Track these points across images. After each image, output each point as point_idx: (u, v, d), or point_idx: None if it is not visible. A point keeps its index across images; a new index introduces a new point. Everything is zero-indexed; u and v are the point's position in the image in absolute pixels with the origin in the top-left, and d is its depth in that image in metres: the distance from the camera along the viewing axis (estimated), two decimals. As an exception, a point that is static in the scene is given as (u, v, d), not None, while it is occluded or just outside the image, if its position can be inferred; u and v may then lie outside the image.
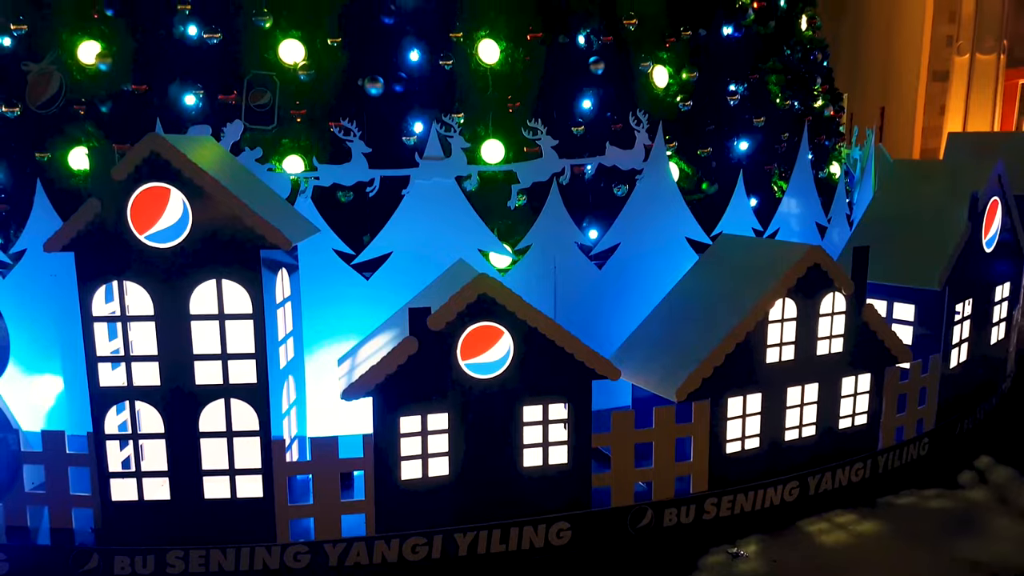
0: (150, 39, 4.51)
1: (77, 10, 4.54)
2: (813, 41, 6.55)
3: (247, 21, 4.52)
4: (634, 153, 5.02)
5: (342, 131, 4.52)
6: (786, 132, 5.90)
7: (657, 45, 5.24)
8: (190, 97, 4.47)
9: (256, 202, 3.26)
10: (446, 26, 4.80)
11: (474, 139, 4.74)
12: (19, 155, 4.54)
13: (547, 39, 4.97)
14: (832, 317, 3.92)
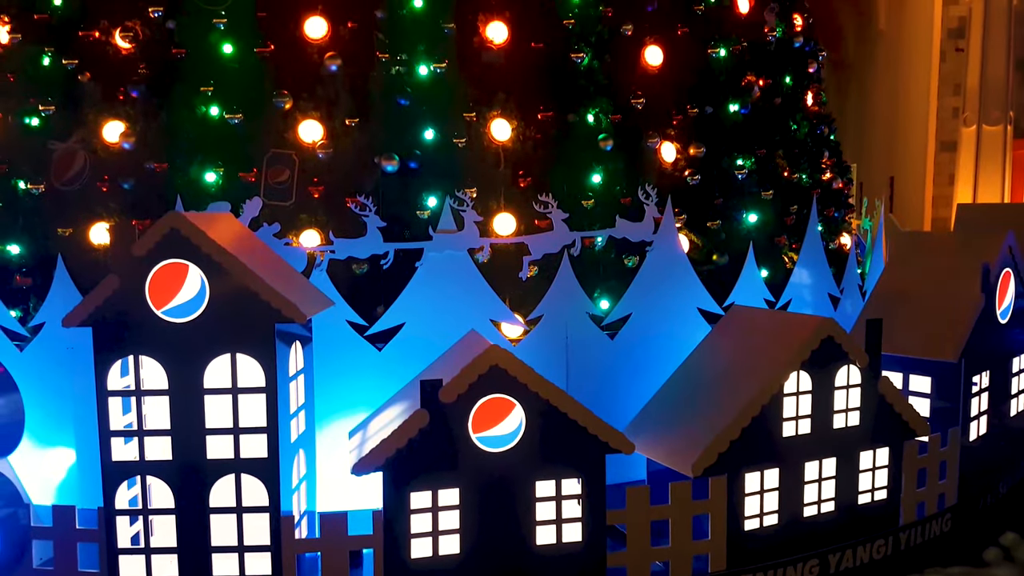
0: (173, 119, 4.67)
1: (104, 91, 4.72)
2: (819, 116, 6.68)
3: (268, 102, 4.68)
4: (644, 226, 5.08)
5: (358, 206, 4.61)
6: (795, 205, 5.96)
7: (664, 122, 5.36)
8: (211, 175, 4.60)
9: (272, 276, 3.31)
10: (459, 106, 4.94)
11: (486, 213, 4.82)
12: (42, 230, 4.66)
13: (557, 118, 5.10)
14: (847, 390, 3.88)
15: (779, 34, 6.10)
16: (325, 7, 4.77)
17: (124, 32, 4.69)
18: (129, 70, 4.70)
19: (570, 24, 5.14)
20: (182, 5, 4.72)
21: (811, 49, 6.64)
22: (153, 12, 4.70)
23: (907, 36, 18.48)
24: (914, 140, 17.96)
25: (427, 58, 4.88)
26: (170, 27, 4.73)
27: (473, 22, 4.99)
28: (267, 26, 4.74)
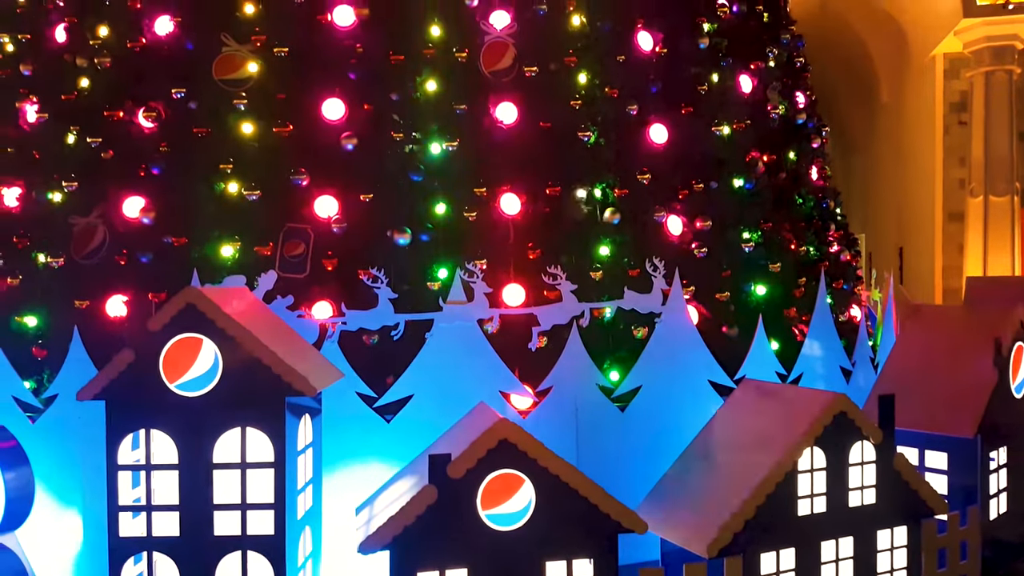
0: (192, 195, 4.79)
1: (126, 168, 4.86)
2: (824, 190, 6.78)
3: (285, 179, 4.80)
4: (652, 297, 5.11)
5: (370, 278, 4.68)
6: (803, 277, 5.99)
7: (670, 197, 5.45)
8: (227, 249, 4.69)
9: (284, 349, 3.35)
10: (470, 182, 5.06)
11: (496, 284, 4.87)
12: (59, 303, 4.73)
13: (565, 192, 5.20)
14: (863, 467, 3.82)
15: (782, 111, 6.25)
16: (343, 89, 4.94)
17: (147, 112, 4.87)
18: (151, 148, 4.86)
19: (577, 105, 5.28)
20: (204, 86, 4.90)
21: (814, 125, 6.79)
22: (176, 93, 4.88)
23: (909, 109, 18.84)
24: (921, 211, 18.10)
25: (439, 137, 5.02)
26: (192, 107, 4.90)
27: (484, 103, 5.14)
28: (286, 107, 4.91)
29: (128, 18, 5.06)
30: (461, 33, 5.18)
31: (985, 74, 16.11)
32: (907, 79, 18.96)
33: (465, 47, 5.16)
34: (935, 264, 17.34)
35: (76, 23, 5.25)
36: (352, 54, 5.01)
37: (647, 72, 5.55)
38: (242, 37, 4.94)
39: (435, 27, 5.14)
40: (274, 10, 5.02)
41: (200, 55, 4.95)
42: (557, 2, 5.36)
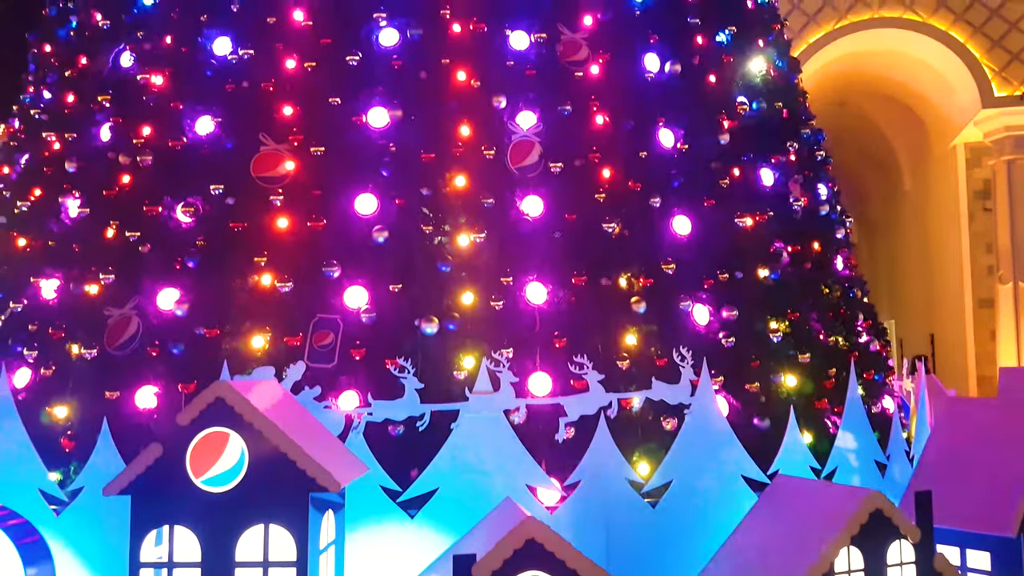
0: (225, 287, 4.90)
1: (162, 261, 5.00)
2: (851, 279, 6.76)
3: (317, 271, 4.90)
4: (680, 388, 5.05)
5: (397, 368, 4.69)
6: (833, 367, 5.92)
7: (696, 286, 5.47)
8: (258, 339, 4.76)
9: (310, 442, 3.34)
10: (497, 271, 5.12)
11: (522, 373, 4.86)
12: (90, 394, 4.79)
13: (590, 281, 5.24)
14: (901, 567, 3.67)
15: (805, 203, 6.31)
16: (375, 185, 5.10)
17: (186, 207, 5.04)
18: (187, 241, 5.01)
19: (601, 198, 5.39)
20: (242, 183, 5.08)
21: (837, 216, 6.84)
22: (214, 189, 5.06)
23: (933, 197, 18.90)
24: (951, 297, 17.90)
25: (468, 229, 5.13)
26: (229, 203, 5.07)
27: (511, 197, 5.26)
28: (321, 202, 5.06)
29: (171, 118, 5.30)
30: (489, 132, 5.36)
31: (1007, 162, 16.20)
32: (929, 168, 19.10)
33: (493, 145, 5.33)
34: (967, 351, 17.02)
35: (120, 123, 5.50)
36: (385, 152, 5.19)
37: (669, 167, 5.67)
38: (280, 137, 5.15)
39: (465, 127, 5.32)
40: (311, 111, 5.25)
41: (239, 153, 5.15)
42: (581, 103, 5.54)
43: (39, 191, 5.65)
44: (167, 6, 5.62)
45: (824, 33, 16.23)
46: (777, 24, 7.09)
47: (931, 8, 16.09)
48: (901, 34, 16.32)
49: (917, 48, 16.48)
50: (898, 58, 17.02)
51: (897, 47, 16.68)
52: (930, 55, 16.46)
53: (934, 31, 16.06)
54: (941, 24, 16.08)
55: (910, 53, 16.71)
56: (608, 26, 5.76)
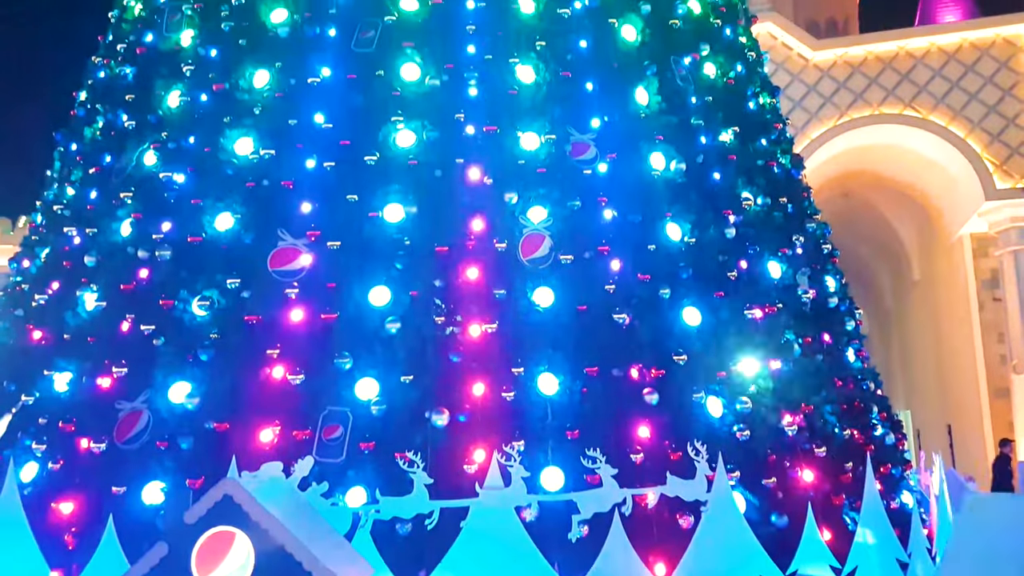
0: (237, 380, 4.91)
1: (175, 354, 5.03)
2: (864, 372, 6.72)
3: (329, 363, 4.92)
4: (696, 483, 4.95)
5: (407, 463, 4.63)
6: (849, 462, 5.81)
7: (708, 377, 5.44)
8: (267, 433, 4.73)
9: (316, 542, 3.28)
10: (508, 362, 5.12)
11: (534, 467, 4.78)
12: (97, 489, 4.73)
13: (602, 372, 5.23)
14: (935, 678, 3.50)
15: (814, 296, 6.34)
16: (390, 277, 5.17)
17: (202, 300, 5.11)
18: (202, 335, 5.05)
19: (611, 289, 5.44)
20: (258, 277, 5.17)
21: (847, 308, 6.85)
22: (231, 283, 5.14)
23: (942, 287, 18.92)
24: (966, 387, 17.65)
25: (479, 320, 5.16)
26: (245, 296, 5.14)
27: (522, 288, 5.32)
28: (335, 295, 5.13)
29: (191, 214, 5.44)
30: (501, 226, 5.47)
31: (1014, 253, 16.29)
32: (937, 257, 19.20)
33: (505, 238, 5.43)
34: (986, 442, 16.65)
35: (141, 218, 5.65)
36: (400, 246, 5.29)
37: (677, 259, 5.74)
38: (298, 231, 5.27)
39: (477, 221, 5.44)
40: (329, 207, 5.39)
41: (257, 248, 5.26)
42: (590, 198, 5.67)
43: (57, 284, 5.75)
44: (192, 107, 5.85)
45: (826, 129, 16.67)
46: (779, 123, 7.31)
47: (930, 105, 16.54)
48: (902, 129, 16.73)
49: (918, 142, 16.86)
50: (900, 152, 17.39)
51: (899, 141, 17.07)
52: (931, 149, 16.82)
53: (934, 127, 16.46)
54: (941, 120, 16.49)
55: (912, 147, 17.08)
56: (615, 127, 5.96)
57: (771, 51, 16.77)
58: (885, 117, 16.66)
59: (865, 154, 17.68)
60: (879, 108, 16.69)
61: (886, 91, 16.75)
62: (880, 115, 16.67)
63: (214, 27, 6.06)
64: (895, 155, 17.66)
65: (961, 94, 16.59)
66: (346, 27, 5.90)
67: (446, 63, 5.85)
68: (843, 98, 16.81)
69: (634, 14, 6.32)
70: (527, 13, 6.07)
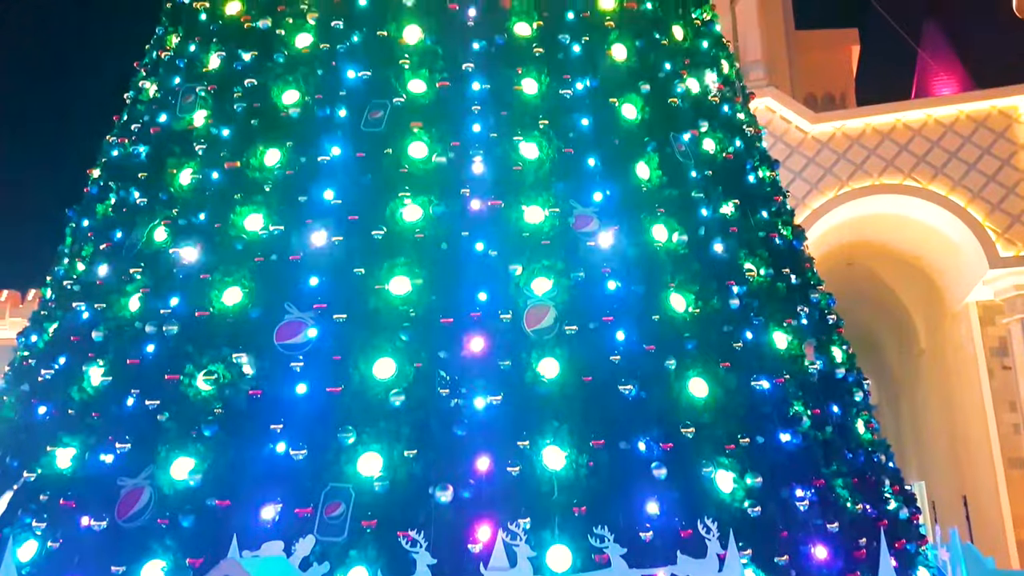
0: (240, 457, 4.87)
1: (179, 430, 5.01)
2: (875, 443, 6.63)
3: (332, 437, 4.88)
4: (707, 563, 4.83)
5: (409, 542, 4.55)
6: (863, 537, 5.67)
7: (717, 451, 5.38)
8: (268, 511, 4.66)
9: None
10: (513, 435, 5.08)
11: (540, 545, 4.69)
12: (97, 569, 4.64)
13: (609, 446, 5.17)
14: None
15: (821, 366, 6.32)
16: (395, 348, 5.19)
17: (207, 375, 5.12)
18: (206, 410, 5.04)
19: (616, 359, 5.43)
20: (264, 351, 5.19)
21: (854, 379, 6.81)
22: (236, 357, 5.16)
23: (950, 355, 18.78)
24: (980, 457, 17.32)
25: (484, 392, 5.15)
26: (250, 370, 5.15)
27: (527, 359, 5.32)
28: (340, 367, 5.14)
29: (199, 289, 5.50)
30: (506, 297, 5.51)
31: (1021, 321, 16.23)
32: (944, 325, 19.12)
33: (510, 309, 5.47)
34: (1003, 515, 16.24)
35: (149, 292, 5.71)
36: (405, 318, 5.32)
37: (682, 330, 5.75)
38: (305, 305, 5.32)
39: (482, 293, 5.48)
40: (336, 280, 5.45)
41: (263, 322, 5.30)
42: (593, 269, 5.72)
43: (64, 359, 5.78)
44: (203, 185, 5.98)
45: (827, 199, 16.87)
46: (779, 196, 7.42)
47: (930, 175, 16.77)
48: (903, 199, 16.90)
49: (920, 211, 17.01)
50: (902, 221, 17.53)
51: (900, 210, 17.22)
52: (933, 218, 16.95)
53: (935, 196, 16.63)
54: (941, 189, 16.68)
55: (913, 216, 17.22)
56: (617, 200, 6.06)
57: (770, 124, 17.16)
58: (885, 187, 16.87)
59: (867, 223, 17.83)
60: (879, 178, 16.92)
61: (885, 162, 17.00)
62: (880, 185, 16.88)
63: (227, 108, 6.25)
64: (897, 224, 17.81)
65: (960, 164, 16.82)
66: (356, 108, 6.08)
67: (452, 141, 6.00)
68: (843, 169, 17.06)
69: (634, 93, 6.51)
70: (530, 94, 6.26)
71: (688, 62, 7.11)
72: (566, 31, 6.56)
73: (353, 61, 6.24)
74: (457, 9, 6.43)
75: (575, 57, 6.52)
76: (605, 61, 6.64)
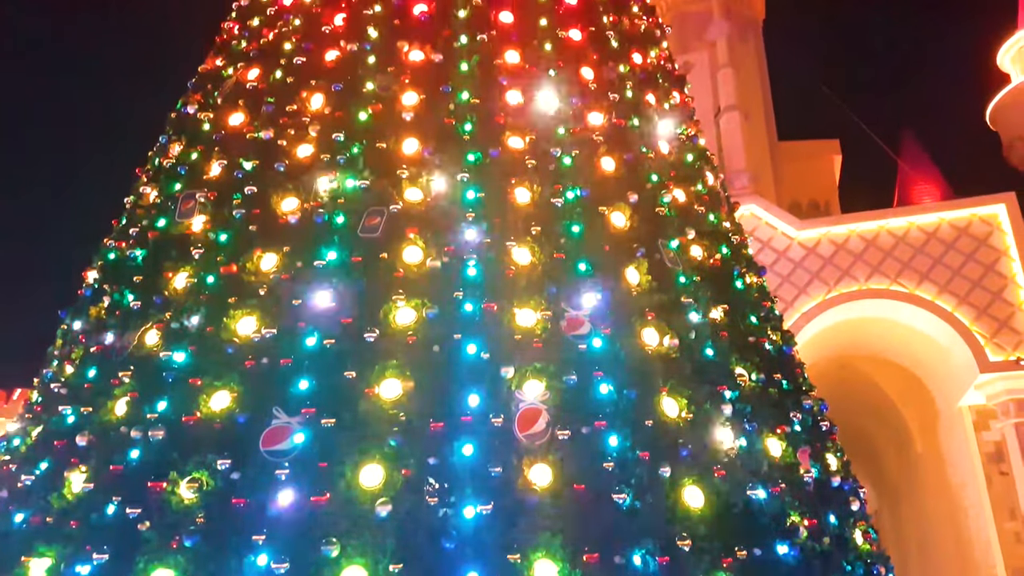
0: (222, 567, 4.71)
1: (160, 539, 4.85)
2: (873, 555, 6.46)
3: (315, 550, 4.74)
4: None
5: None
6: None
7: (715, 564, 5.23)
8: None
9: None
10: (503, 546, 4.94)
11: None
12: None
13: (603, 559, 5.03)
14: None
15: (816, 474, 6.24)
16: (383, 456, 5.10)
17: (191, 483, 5.01)
18: (188, 519, 4.90)
19: (610, 467, 5.36)
20: (249, 457, 5.10)
21: (850, 487, 6.71)
22: (221, 464, 5.06)
23: (947, 459, 18.58)
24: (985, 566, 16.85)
25: (474, 500, 5.04)
26: (234, 478, 5.05)
27: (519, 466, 5.24)
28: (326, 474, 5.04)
29: (187, 393, 5.46)
30: (497, 401, 5.48)
31: (1015, 425, 16.16)
32: (938, 429, 19.01)
33: (501, 413, 5.43)
34: (1014, 630, 15.67)
35: (137, 397, 5.65)
36: (395, 422, 5.27)
37: (676, 435, 5.70)
38: (293, 409, 5.27)
39: (473, 396, 5.46)
40: (326, 384, 5.42)
41: (250, 427, 5.23)
42: (585, 372, 5.73)
43: (45, 465, 5.66)
44: (198, 289, 6.04)
45: (815, 303, 17.10)
46: (767, 302, 7.53)
47: (916, 280, 17.08)
48: (891, 303, 17.15)
49: (908, 316, 17.22)
50: (891, 325, 17.72)
51: (889, 315, 17.44)
52: (921, 322, 17.15)
53: (922, 301, 16.89)
54: (927, 294, 16.96)
55: (902, 320, 17.42)
56: (608, 304, 6.13)
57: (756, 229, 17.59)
58: (872, 292, 17.16)
59: (856, 327, 18.01)
60: (866, 283, 17.23)
61: (871, 267, 17.36)
62: (867, 290, 17.17)
63: (226, 213, 6.39)
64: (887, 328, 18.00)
65: (945, 270, 17.17)
66: (353, 214, 6.22)
67: (446, 246, 6.11)
68: (830, 274, 17.38)
69: (622, 202, 6.70)
70: (523, 203, 6.44)
71: (674, 174, 7.37)
72: (557, 145, 6.82)
73: (352, 170, 6.43)
74: (454, 124, 6.70)
75: (566, 168, 6.75)
76: (595, 173, 6.87)
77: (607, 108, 7.32)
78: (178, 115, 7.69)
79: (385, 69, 7.00)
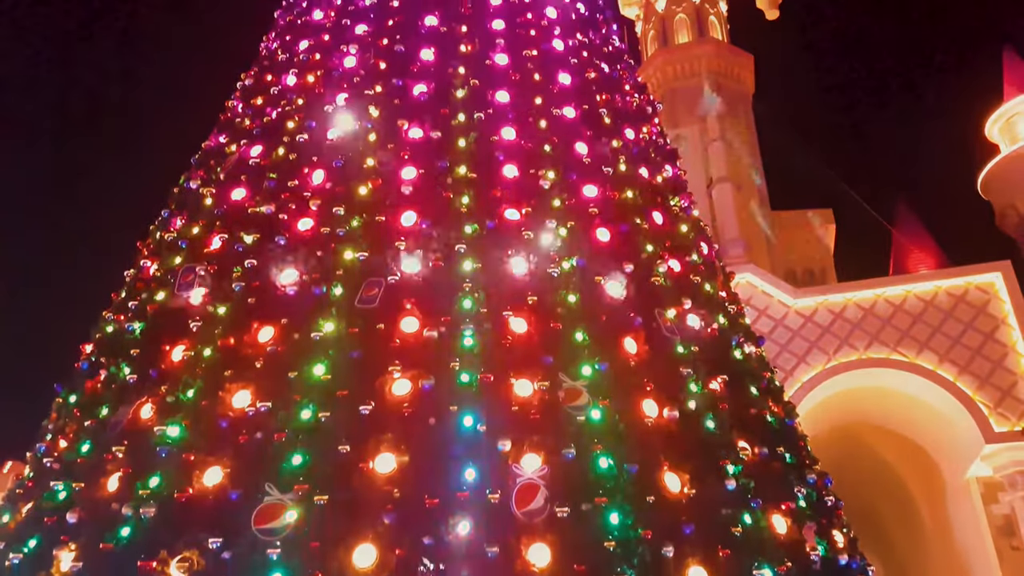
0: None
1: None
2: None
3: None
4: None
5: None
6: None
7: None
8: None
9: None
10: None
11: None
12: None
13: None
14: None
15: (823, 552, 6.09)
16: (376, 535, 4.99)
17: (181, 563, 4.87)
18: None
19: (611, 546, 5.23)
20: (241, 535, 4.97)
21: (858, 565, 6.53)
22: (212, 543, 4.94)
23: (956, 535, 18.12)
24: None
25: (469, 578, 4.91)
26: (225, 557, 4.91)
27: (516, 545, 5.11)
28: (318, 555, 4.91)
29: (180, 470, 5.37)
30: (494, 476, 5.38)
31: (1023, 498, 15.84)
32: (946, 502, 18.60)
33: (498, 489, 5.32)
34: None
35: (130, 473, 5.55)
36: (389, 499, 5.16)
37: (679, 512, 5.57)
38: (286, 486, 5.17)
39: (470, 471, 5.36)
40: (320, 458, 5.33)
41: (242, 504, 5.12)
42: (584, 445, 5.64)
43: (34, 543, 5.52)
44: (194, 362, 6.01)
45: (815, 373, 16.97)
46: (767, 372, 7.49)
47: (916, 349, 16.99)
48: (892, 372, 17.01)
49: (909, 385, 17.06)
50: (893, 394, 17.55)
51: (890, 384, 17.27)
52: (923, 392, 16.98)
53: (922, 370, 16.76)
54: (928, 364, 16.83)
55: (903, 390, 17.25)
56: (605, 375, 6.09)
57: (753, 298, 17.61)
58: (872, 361, 17.05)
59: (858, 397, 17.84)
60: (865, 352, 17.14)
61: (870, 336, 17.30)
62: (867, 359, 17.07)
63: (225, 286, 6.41)
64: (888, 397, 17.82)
65: (944, 338, 17.10)
66: (350, 286, 6.24)
67: (443, 316, 6.11)
68: (828, 342, 17.31)
69: (619, 271, 6.74)
70: (519, 272, 6.47)
71: (669, 244, 7.43)
72: (553, 216, 6.90)
73: (351, 243, 6.49)
74: (451, 197, 6.79)
75: (562, 239, 6.81)
76: (590, 244, 6.93)
77: (601, 182, 7.43)
78: (181, 190, 7.80)
79: (385, 146, 7.14)
